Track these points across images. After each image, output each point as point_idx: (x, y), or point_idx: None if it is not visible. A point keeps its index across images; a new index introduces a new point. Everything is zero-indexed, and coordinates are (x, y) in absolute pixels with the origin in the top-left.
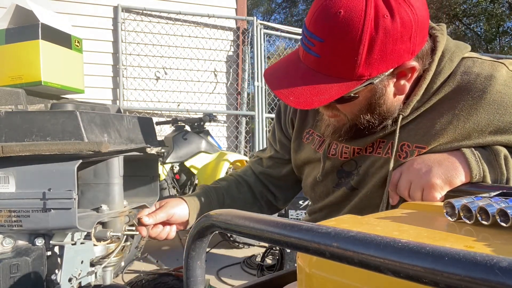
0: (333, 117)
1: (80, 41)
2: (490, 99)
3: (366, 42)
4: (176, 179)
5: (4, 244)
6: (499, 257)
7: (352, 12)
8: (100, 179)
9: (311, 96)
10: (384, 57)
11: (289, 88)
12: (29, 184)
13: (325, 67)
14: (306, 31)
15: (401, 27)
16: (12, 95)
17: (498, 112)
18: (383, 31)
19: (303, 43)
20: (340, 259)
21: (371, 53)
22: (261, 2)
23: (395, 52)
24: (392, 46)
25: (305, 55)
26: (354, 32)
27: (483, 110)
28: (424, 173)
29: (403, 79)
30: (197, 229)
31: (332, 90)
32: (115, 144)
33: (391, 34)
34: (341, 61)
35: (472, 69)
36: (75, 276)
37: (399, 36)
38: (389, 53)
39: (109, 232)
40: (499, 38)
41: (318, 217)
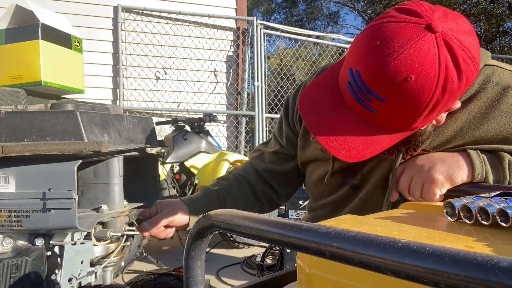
0: None
1: (80, 41)
2: (504, 110)
3: (431, 104)
4: (176, 179)
5: (4, 244)
6: (499, 257)
7: (424, 79)
8: (100, 179)
9: (363, 149)
10: (442, 111)
11: (339, 141)
12: (29, 184)
13: (379, 121)
14: (361, 83)
15: (465, 85)
16: (12, 95)
17: (509, 124)
18: (449, 93)
19: (354, 93)
20: (340, 259)
21: (433, 111)
22: (261, 2)
23: (448, 103)
24: (452, 102)
25: (356, 106)
26: (423, 99)
27: (495, 120)
28: (427, 169)
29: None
30: (197, 229)
31: (384, 142)
32: (115, 144)
33: (455, 93)
34: (400, 120)
35: (491, 78)
36: (75, 276)
37: (460, 93)
38: (447, 107)
39: (109, 232)
40: (499, 38)
41: (318, 215)
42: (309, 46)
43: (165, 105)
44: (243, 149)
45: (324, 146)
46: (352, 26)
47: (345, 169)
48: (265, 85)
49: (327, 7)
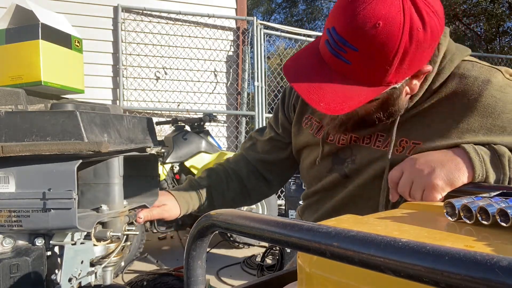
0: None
1: (80, 41)
2: (485, 103)
3: (400, 53)
4: (176, 179)
5: (4, 244)
6: (499, 257)
7: (391, 25)
8: (100, 179)
9: (341, 102)
10: (412, 65)
11: (318, 94)
12: (29, 184)
13: (355, 74)
14: (336, 36)
15: (430, 38)
16: (12, 95)
17: (491, 115)
18: (416, 43)
19: (331, 48)
20: (341, 259)
21: (403, 63)
22: (261, 2)
23: (421, 59)
24: (420, 55)
25: (333, 60)
26: (391, 45)
27: (477, 112)
28: (426, 174)
29: (416, 80)
30: (197, 229)
31: (361, 96)
32: (115, 144)
33: (421, 45)
34: (373, 70)
35: (470, 72)
36: (75, 276)
37: (428, 45)
38: (416, 61)
39: (109, 232)
40: (499, 38)
41: (311, 202)
42: None
43: (165, 105)
44: None
45: (305, 99)
46: None
47: (334, 154)
48: (265, 85)
49: (327, 7)
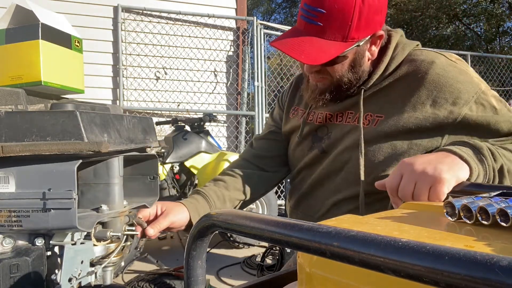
0: (320, 81)
1: (80, 41)
2: (430, 79)
3: (357, 12)
4: (176, 179)
5: (4, 244)
6: (499, 256)
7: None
8: (100, 179)
9: (317, 54)
10: (368, 25)
11: (299, 49)
12: (29, 184)
13: (326, 33)
14: (307, 6)
15: (378, 3)
16: (12, 95)
17: (435, 89)
18: (368, 4)
19: (305, 17)
20: (341, 259)
21: (360, 20)
22: (261, 2)
23: (374, 21)
24: (372, 16)
25: (308, 26)
26: (349, 4)
27: (424, 87)
28: (430, 170)
29: (374, 46)
30: (197, 228)
31: (332, 50)
32: (115, 144)
33: (372, 7)
34: (338, 27)
35: (419, 57)
36: (75, 276)
37: (376, 9)
38: (371, 22)
39: (109, 232)
40: (499, 38)
41: (296, 182)
42: None
43: (165, 105)
44: (243, 149)
45: (287, 53)
46: None
47: (313, 133)
48: (265, 85)
49: None
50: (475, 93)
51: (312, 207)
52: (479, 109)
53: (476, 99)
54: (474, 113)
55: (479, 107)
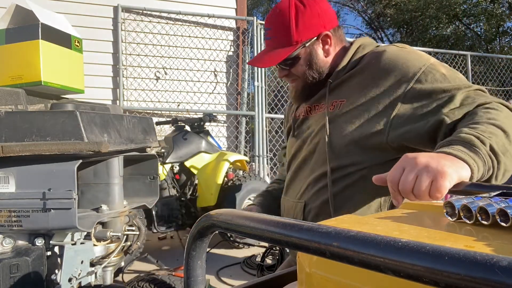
0: (293, 82)
1: (80, 41)
2: (383, 63)
3: (293, 20)
4: (176, 179)
5: (4, 244)
6: (499, 257)
7: (283, 8)
8: (100, 179)
9: (270, 60)
10: (306, 28)
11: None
12: (29, 184)
13: (277, 44)
14: (264, 29)
15: (309, 11)
16: (12, 95)
17: (388, 70)
18: (301, 13)
19: (265, 37)
20: (341, 259)
21: (298, 26)
22: (261, 2)
23: (312, 24)
24: (309, 21)
25: (268, 43)
26: (285, 17)
27: (379, 71)
28: (433, 164)
29: (326, 45)
30: (197, 228)
31: (282, 54)
32: (115, 144)
33: (305, 13)
34: (283, 36)
35: (374, 50)
36: (75, 276)
37: (311, 14)
38: (309, 25)
39: (109, 232)
40: (499, 38)
41: (289, 176)
42: None
43: (165, 105)
44: (243, 149)
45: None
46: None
47: (299, 127)
48: (265, 85)
49: None
50: (423, 65)
51: (295, 190)
52: (429, 78)
53: (425, 70)
54: (423, 83)
55: (428, 76)
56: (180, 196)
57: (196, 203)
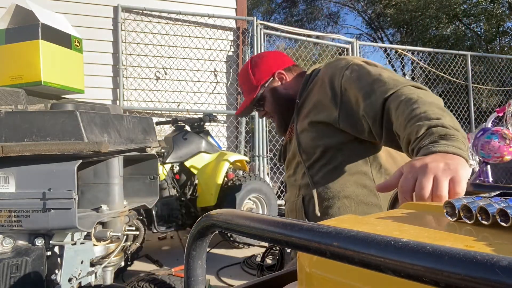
0: (271, 118)
1: (80, 41)
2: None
3: (250, 71)
4: (176, 179)
5: (4, 244)
6: (499, 256)
7: (244, 67)
8: (100, 179)
9: (243, 107)
10: (261, 73)
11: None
12: (29, 184)
13: (246, 94)
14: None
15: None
16: (12, 95)
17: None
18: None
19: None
20: (341, 259)
21: (254, 75)
22: (261, 2)
23: (265, 70)
24: (260, 69)
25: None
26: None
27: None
28: (443, 165)
29: (282, 80)
30: (197, 228)
31: (247, 100)
32: (115, 144)
33: (257, 65)
34: (246, 85)
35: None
36: (75, 276)
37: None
38: (262, 71)
39: (109, 232)
40: (499, 38)
41: (286, 195)
42: (309, 46)
43: (165, 105)
44: (243, 149)
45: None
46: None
47: (288, 147)
48: None
49: (327, 7)
50: (347, 64)
51: (293, 194)
52: (353, 72)
53: (348, 67)
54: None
55: (353, 71)
56: (180, 196)
57: (196, 203)
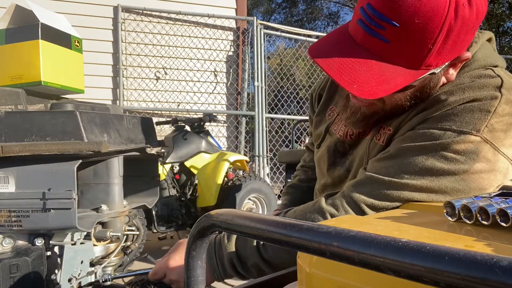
0: (367, 105)
1: (80, 41)
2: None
3: (445, 30)
4: (176, 179)
5: (3, 244)
6: (499, 256)
7: (437, 5)
8: (100, 179)
9: (376, 85)
10: (454, 48)
11: (351, 75)
12: (29, 184)
13: (393, 53)
14: (372, 11)
15: (475, 17)
16: (12, 95)
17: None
18: (461, 20)
19: (365, 25)
20: (341, 259)
21: (446, 43)
22: (261, 2)
23: (463, 42)
24: (463, 37)
25: (368, 39)
26: (437, 20)
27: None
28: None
29: (452, 69)
30: (197, 229)
31: (398, 79)
32: (115, 144)
33: (466, 24)
34: (414, 50)
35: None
36: (75, 276)
37: (471, 26)
38: (459, 44)
39: (109, 232)
40: (499, 38)
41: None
42: (309, 46)
43: (165, 105)
44: (243, 149)
45: (335, 80)
46: None
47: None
48: (265, 85)
49: (327, 7)
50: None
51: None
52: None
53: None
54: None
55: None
56: (180, 196)
57: (196, 203)
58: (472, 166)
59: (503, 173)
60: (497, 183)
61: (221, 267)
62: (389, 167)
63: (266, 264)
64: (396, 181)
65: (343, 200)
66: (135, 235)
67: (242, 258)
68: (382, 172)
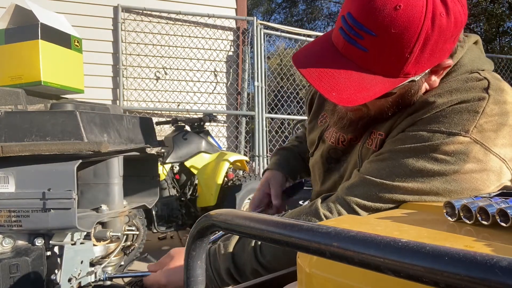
0: (353, 111)
1: (80, 41)
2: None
3: (422, 40)
4: (176, 179)
5: (3, 244)
6: (499, 257)
7: (413, 7)
8: (100, 179)
9: (354, 92)
10: (432, 56)
11: (330, 82)
12: (28, 184)
13: (371, 62)
14: (352, 21)
15: (454, 26)
16: (12, 95)
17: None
18: (439, 30)
19: (345, 34)
20: (340, 259)
21: (423, 51)
22: (261, 2)
23: (442, 51)
24: (441, 45)
25: (348, 47)
26: (413, 30)
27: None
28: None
29: (435, 76)
30: (197, 229)
31: (376, 87)
32: (115, 144)
33: (444, 33)
34: (391, 58)
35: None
36: (75, 276)
37: (450, 35)
38: (437, 52)
39: (109, 232)
40: (499, 38)
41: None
42: None
43: (165, 105)
44: (243, 149)
45: (315, 87)
46: None
47: (325, 154)
48: (265, 85)
49: (327, 7)
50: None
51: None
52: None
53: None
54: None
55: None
56: (180, 196)
57: (196, 203)
58: (462, 167)
59: (497, 172)
60: (491, 183)
61: (218, 277)
62: (381, 169)
63: (265, 270)
64: (387, 183)
65: (337, 202)
66: (135, 235)
67: (239, 266)
68: (374, 174)
